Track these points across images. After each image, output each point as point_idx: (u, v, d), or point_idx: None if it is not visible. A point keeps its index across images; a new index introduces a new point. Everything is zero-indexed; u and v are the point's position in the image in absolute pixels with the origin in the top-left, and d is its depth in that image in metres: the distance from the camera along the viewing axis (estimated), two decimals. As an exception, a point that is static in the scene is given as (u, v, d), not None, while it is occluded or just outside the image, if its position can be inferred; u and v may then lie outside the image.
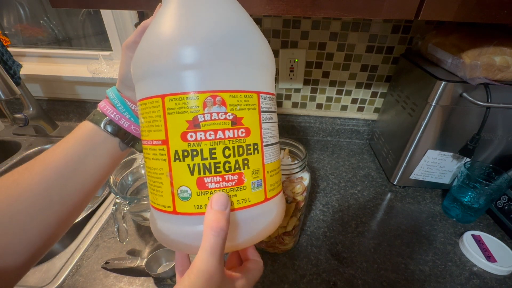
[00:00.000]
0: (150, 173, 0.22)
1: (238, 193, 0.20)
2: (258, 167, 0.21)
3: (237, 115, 0.20)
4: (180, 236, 0.21)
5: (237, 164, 0.20)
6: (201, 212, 0.20)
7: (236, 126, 0.20)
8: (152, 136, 0.21)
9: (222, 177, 0.19)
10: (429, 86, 0.53)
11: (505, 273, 0.47)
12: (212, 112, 0.19)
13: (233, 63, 0.20)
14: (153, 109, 0.20)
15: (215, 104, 0.19)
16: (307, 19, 0.68)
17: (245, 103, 0.20)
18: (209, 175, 0.19)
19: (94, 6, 0.43)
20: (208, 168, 0.19)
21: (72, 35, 0.88)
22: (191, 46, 0.19)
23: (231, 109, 0.20)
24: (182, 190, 0.20)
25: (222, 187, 0.20)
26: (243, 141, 0.20)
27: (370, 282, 0.45)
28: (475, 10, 0.37)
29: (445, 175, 0.62)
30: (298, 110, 0.84)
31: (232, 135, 0.20)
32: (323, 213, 0.59)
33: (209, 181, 0.19)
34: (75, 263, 0.47)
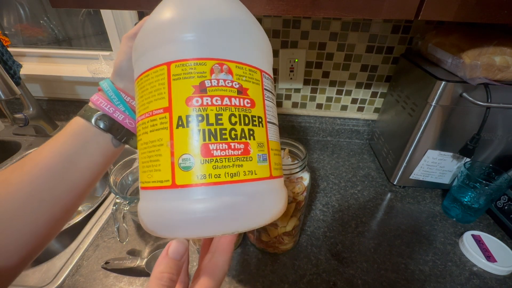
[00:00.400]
0: (146, 148, 0.20)
1: (244, 163, 0.19)
2: (263, 140, 0.21)
3: (243, 85, 0.20)
4: (177, 215, 0.18)
5: (243, 133, 0.19)
6: (204, 182, 0.18)
7: (242, 95, 0.20)
8: (153, 106, 0.20)
9: (228, 145, 0.19)
10: (429, 86, 0.53)
11: (505, 273, 0.47)
12: (220, 78, 0.19)
13: (239, 39, 0.21)
14: (156, 78, 0.20)
15: (222, 72, 0.19)
16: (307, 19, 0.68)
17: (250, 76, 0.21)
18: (215, 142, 0.18)
19: (94, 6, 0.43)
20: (214, 134, 0.18)
21: (72, 35, 0.88)
22: (201, 16, 0.20)
23: (237, 78, 0.20)
24: (184, 159, 0.18)
25: (228, 155, 0.18)
26: (249, 111, 0.20)
27: (370, 282, 0.45)
28: (475, 10, 0.37)
29: (445, 175, 0.62)
30: (298, 110, 0.84)
31: (238, 103, 0.20)
32: (323, 213, 0.59)
33: (215, 148, 0.18)
34: (75, 263, 0.47)
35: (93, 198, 0.77)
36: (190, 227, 0.18)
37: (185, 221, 0.18)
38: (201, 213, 0.18)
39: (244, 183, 0.19)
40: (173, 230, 0.19)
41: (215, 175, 0.18)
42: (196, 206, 0.18)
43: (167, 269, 0.18)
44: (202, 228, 0.18)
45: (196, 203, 0.18)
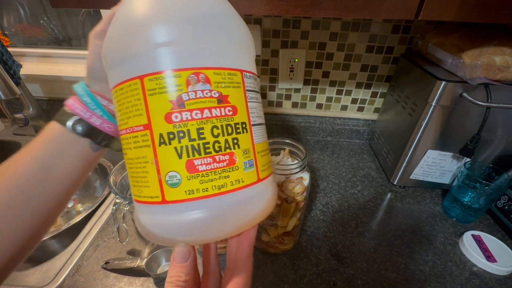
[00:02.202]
0: (132, 164, 0.20)
1: (231, 173, 0.19)
2: (248, 146, 0.20)
3: (222, 93, 0.19)
4: (171, 227, 0.19)
5: (227, 143, 0.19)
6: (193, 197, 0.18)
7: (223, 104, 0.19)
8: (132, 122, 0.19)
9: (212, 158, 0.18)
10: (429, 86, 0.53)
11: (505, 273, 0.47)
12: (197, 90, 0.18)
13: (214, 40, 0.19)
14: (131, 93, 0.19)
15: (199, 82, 0.18)
16: (307, 19, 0.68)
17: (230, 80, 0.20)
18: (199, 157, 0.18)
19: (94, 6, 0.43)
20: (197, 150, 0.18)
21: (72, 35, 0.88)
22: (169, 21, 0.18)
23: (216, 86, 0.19)
24: (171, 176, 0.18)
25: (213, 168, 0.18)
26: (231, 120, 0.19)
27: (370, 282, 0.45)
28: (475, 10, 0.37)
29: (445, 175, 0.62)
30: (298, 110, 0.84)
31: (219, 113, 0.19)
32: (323, 213, 0.59)
33: (199, 163, 0.18)
34: (75, 263, 0.47)
35: (93, 198, 0.77)
36: (183, 238, 0.19)
37: (178, 233, 0.19)
38: (192, 225, 0.18)
39: (232, 193, 0.19)
40: (167, 240, 0.20)
41: (202, 189, 0.18)
42: (187, 219, 0.18)
43: (177, 274, 0.20)
44: (193, 237, 0.19)
45: (187, 216, 0.19)
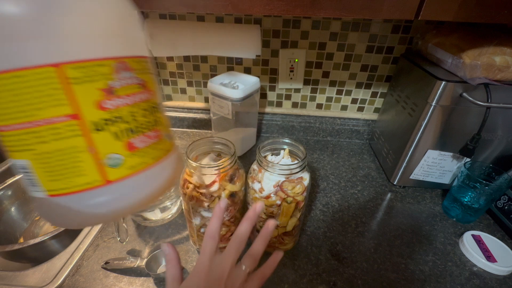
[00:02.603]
0: (51, 158, 0.19)
1: (161, 145, 0.23)
2: (165, 122, 0.24)
3: (144, 79, 0.22)
4: (119, 201, 0.21)
5: (155, 121, 0.22)
6: (137, 170, 0.21)
7: (145, 89, 0.22)
8: (47, 113, 0.18)
9: (147, 136, 0.22)
10: (429, 86, 0.53)
11: (505, 273, 0.47)
12: (124, 77, 0.20)
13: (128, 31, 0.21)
14: (40, 82, 0.17)
15: (124, 70, 0.20)
16: (307, 19, 0.68)
17: (144, 67, 0.22)
18: (136, 136, 0.21)
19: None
20: (133, 131, 0.21)
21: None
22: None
23: (137, 73, 0.21)
24: (112, 158, 0.20)
25: (149, 143, 0.22)
26: (153, 102, 0.22)
27: (370, 282, 0.45)
28: (475, 10, 0.37)
29: (445, 175, 0.62)
30: (298, 110, 0.84)
31: (144, 97, 0.21)
32: (323, 213, 0.59)
33: (138, 141, 0.21)
34: (75, 263, 0.47)
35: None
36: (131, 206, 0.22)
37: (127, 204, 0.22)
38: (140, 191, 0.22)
39: (165, 159, 0.23)
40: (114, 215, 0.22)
41: (144, 162, 0.21)
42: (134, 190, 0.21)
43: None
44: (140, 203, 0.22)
45: (133, 187, 0.21)
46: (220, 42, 0.68)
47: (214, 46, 0.69)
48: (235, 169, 0.42)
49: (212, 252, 0.29)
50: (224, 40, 0.68)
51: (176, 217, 0.57)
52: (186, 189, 0.41)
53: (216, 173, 0.40)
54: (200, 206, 0.41)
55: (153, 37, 0.67)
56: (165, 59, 0.78)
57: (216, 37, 0.68)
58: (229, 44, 0.68)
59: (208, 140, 0.44)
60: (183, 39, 0.68)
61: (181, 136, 0.86)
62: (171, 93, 0.86)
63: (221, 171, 0.40)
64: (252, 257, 0.31)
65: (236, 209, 0.44)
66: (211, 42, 0.68)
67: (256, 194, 0.42)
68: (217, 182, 0.40)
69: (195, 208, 0.41)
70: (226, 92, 0.64)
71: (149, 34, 0.67)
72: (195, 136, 0.86)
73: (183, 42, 0.69)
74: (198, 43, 0.69)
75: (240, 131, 0.74)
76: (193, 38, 0.68)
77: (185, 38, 0.68)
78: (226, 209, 0.41)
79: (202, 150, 0.44)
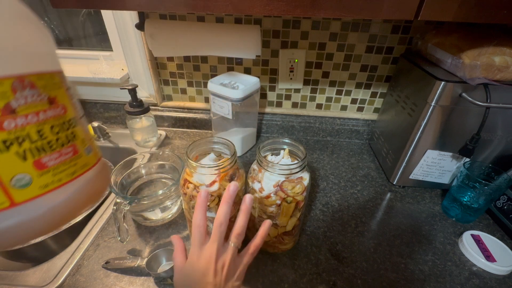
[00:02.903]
0: None
1: (78, 161, 0.22)
2: (83, 136, 0.23)
3: (51, 95, 0.20)
4: (34, 222, 0.20)
5: (68, 138, 0.21)
6: (50, 189, 0.20)
7: (54, 105, 0.21)
8: None
9: (59, 153, 0.20)
10: (428, 86, 0.53)
11: (505, 272, 0.47)
12: (26, 95, 0.19)
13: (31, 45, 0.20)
14: None
15: (26, 87, 0.19)
16: (307, 20, 0.68)
17: (52, 82, 0.21)
18: (46, 154, 0.20)
19: (94, 7, 0.43)
20: (42, 149, 0.20)
21: (73, 35, 0.88)
22: None
23: (44, 90, 0.20)
24: (19, 179, 0.19)
25: (62, 160, 0.21)
26: (65, 117, 0.21)
27: (370, 282, 0.45)
28: (475, 10, 0.37)
29: (445, 175, 0.62)
30: (298, 110, 0.84)
31: (54, 113, 0.20)
32: (323, 213, 0.59)
33: (48, 159, 0.20)
34: (75, 262, 0.47)
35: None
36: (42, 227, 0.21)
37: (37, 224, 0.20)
38: (52, 210, 0.20)
39: (82, 176, 0.22)
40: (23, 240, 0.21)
41: (57, 180, 0.20)
42: (46, 208, 0.20)
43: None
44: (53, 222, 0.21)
45: (49, 207, 0.20)
46: (220, 43, 0.68)
47: (214, 46, 0.69)
48: (235, 169, 0.43)
49: (201, 240, 0.32)
50: (224, 40, 0.68)
51: (177, 216, 0.57)
52: (186, 189, 0.41)
53: (216, 173, 0.40)
54: (200, 206, 0.41)
55: (153, 37, 0.67)
56: (165, 59, 0.79)
57: (216, 37, 0.68)
58: (229, 45, 0.68)
59: (208, 140, 0.44)
60: (183, 39, 0.68)
61: (181, 136, 0.86)
62: (171, 93, 0.86)
63: (221, 171, 0.40)
64: (236, 233, 0.33)
65: (236, 209, 0.44)
66: (211, 42, 0.68)
67: (256, 194, 0.43)
68: (217, 182, 0.40)
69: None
70: (226, 92, 0.64)
71: (149, 34, 0.67)
72: (195, 136, 0.86)
73: (183, 42, 0.69)
74: (198, 43, 0.69)
75: (240, 131, 0.74)
76: (193, 38, 0.68)
77: (185, 38, 0.68)
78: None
79: (202, 150, 0.44)
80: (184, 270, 0.32)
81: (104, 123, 0.87)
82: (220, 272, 0.30)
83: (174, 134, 0.87)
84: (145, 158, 0.62)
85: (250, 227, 0.49)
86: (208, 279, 0.30)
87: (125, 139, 0.82)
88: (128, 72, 0.81)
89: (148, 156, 0.62)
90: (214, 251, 0.31)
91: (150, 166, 0.63)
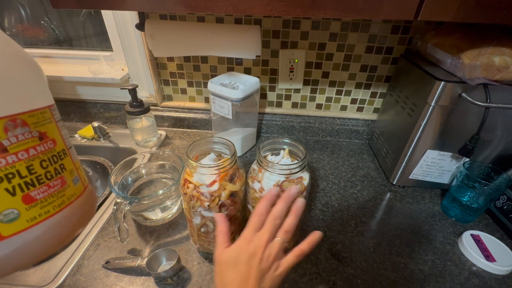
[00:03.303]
0: None
1: (66, 192, 0.23)
2: (72, 167, 0.24)
3: (41, 131, 0.21)
4: (20, 255, 0.20)
5: (57, 170, 0.22)
6: (38, 221, 0.20)
7: (44, 140, 0.21)
8: None
9: (47, 186, 0.21)
10: (428, 86, 0.53)
11: (504, 272, 0.47)
12: (17, 134, 0.19)
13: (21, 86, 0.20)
14: None
15: (17, 127, 0.19)
16: (307, 20, 0.68)
17: (43, 118, 0.21)
18: (35, 188, 0.20)
19: (94, 7, 0.43)
20: (31, 184, 0.20)
21: (73, 35, 0.88)
22: None
23: (34, 127, 0.20)
24: (6, 214, 0.19)
25: (50, 193, 0.21)
26: (54, 150, 0.22)
27: (369, 282, 0.46)
28: (475, 11, 0.37)
29: (444, 175, 0.62)
30: (298, 110, 0.85)
31: (43, 148, 0.21)
32: (323, 212, 0.59)
33: (36, 193, 0.20)
34: (76, 262, 0.47)
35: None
36: (35, 257, 0.21)
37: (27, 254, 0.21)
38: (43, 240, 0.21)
39: (70, 205, 0.23)
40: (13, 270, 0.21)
41: (45, 212, 0.21)
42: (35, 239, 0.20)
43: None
44: (45, 248, 0.22)
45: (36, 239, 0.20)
46: (220, 43, 0.68)
47: (214, 47, 0.69)
48: (235, 169, 0.43)
49: (256, 227, 0.35)
50: (224, 41, 0.68)
51: (177, 216, 0.57)
52: (186, 189, 0.41)
53: (216, 173, 0.40)
54: (200, 205, 0.41)
55: (153, 37, 0.67)
56: (165, 60, 0.79)
57: (216, 37, 0.68)
58: (229, 45, 0.68)
59: (208, 140, 0.44)
60: (183, 40, 0.68)
61: (181, 136, 0.86)
62: (172, 93, 0.86)
63: (221, 171, 0.40)
64: (285, 230, 0.34)
65: (236, 209, 0.44)
66: (211, 42, 0.68)
67: (256, 194, 0.43)
68: (217, 182, 0.40)
69: (195, 207, 0.42)
70: (226, 93, 0.65)
71: (150, 35, 0.67)
72: (195, 136, 0.86)
73: (183, 42, 0.69)
74: (198, 43, 0.69)
75: (240, 131, 0.74)
76: (193, 38, 0.68)
77: (185, 39, 0.68)
78: (226, 209, 0.42)
79: (202, 150, 0.44)
80: (231, 249, 0.34)
81: (104, 123, 0.87)
82: (266, 260, 0.32)
83: (174, 134, 0.87)
84: (145, 158, 0.62)
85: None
86: (254, 262, 0.31)
87: (125, 139, 0.82)
88: (128, 72, 0.81)
89: (148, 156, 0.62)
90: (265, 239, 0.33)
91: (150, 166, 0.63)
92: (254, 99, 0.73)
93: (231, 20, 0.71)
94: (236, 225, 0.47)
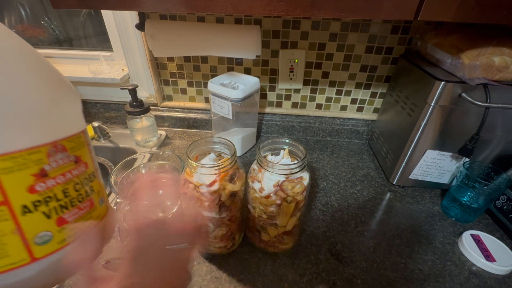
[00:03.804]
0: None
1: (93, 214, 0.23)
2: (99, 188, 0.25)
3: (76, 155, 0.22)
4: (49, 275, 0.21)
5: (87, 193, 0.23)
6: (67, 243, 0.21)
7: (78, 163, 0.22)
8: None
9: (78, 208, 0.22)
10: (428, 86, 0.53)
11: (504, 272, 0.47)
12: (58, 159, 0.20)
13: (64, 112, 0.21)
14: None
15: (58, 152, 0.20)
16: (307, 20, 0.68)
17: (79, 142, 0.22)
18: (67, 211, 0.21)
19: (94, 7, 0.43)
20: (65, 206, 0.21)
21: (73, 35, 0.88)
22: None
23: (71, 151, 0.21)
24: (41, 236, 0.20)
25: (80, 215, 0.22)
26: (86, 173, 0.23)
27: (369, 282, 0.46)
28: (475, 11, 0.37)
29: (444, 175, 0.62)
30: (298, 110, 0.85)
31: (78, 172, 0.22)
32: (323, 212, 0.59)
33: (69, 216, 0.21)
34: (76, 262, 0.47)
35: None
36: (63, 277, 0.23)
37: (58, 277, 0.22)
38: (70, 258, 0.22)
39: (96, 226, 0.24)
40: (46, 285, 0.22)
41: (74, 234, 0.21)
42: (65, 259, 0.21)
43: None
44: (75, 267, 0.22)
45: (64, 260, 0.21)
46: (220, 43, 0.68)
47: (214, 47, 0.69)
48: (235, 169, 0.43)
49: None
50: (224, 41, 0.68)
51: (177, 216, 0.57)
52: (186, 189, 0.41)
53: (216, 173, 0.40)
54: (200, 206, 0.41)
55: (153, 37, 0.67)
56: (165, 60, 0.79)
57: (216, 37, 0.68)
58: (229, 45, 0.68)
59: (208, 140, 0.44)
60: (183, 40, 0.68)
61: (181, 136, 0.86)
62: (172, 93, 0.86)
63: (221, 171, 0.40)
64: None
65: (236, 208, 0.44)
66: (211, 42, 0.68)
67: (256, 194, 0.43)
68: (217, 182, 0.40)
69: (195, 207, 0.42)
70: (226, 93, 0.65)
71: (150, 35, 0.67)
72: (195, 136, 0.86)
73: (183, 42, 0.69)
74: (198, 43, 0.69)
75: (240, 131, 0.74)
76: (193, 38, 0.68)
77: (185, 39, 0.68)
78: (227, 209, 0.41)
79: (202, 150, 0.44)
80: None
81: (104, 123, 0.87)
82: None
83: (174, 134, 0.87)
84: (145, 158, 0.62)
85: (250, 227, 0.49)
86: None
87: (125, 139, 0.82)
88: (128, 72, 0.81)
89: (149, 156, 0.62)
90: None
91: (150, 166, 0.63)
92: (254, 99, 0.73)
93: (231, 20, 0.71)
94: (236, 225, 0.47)
